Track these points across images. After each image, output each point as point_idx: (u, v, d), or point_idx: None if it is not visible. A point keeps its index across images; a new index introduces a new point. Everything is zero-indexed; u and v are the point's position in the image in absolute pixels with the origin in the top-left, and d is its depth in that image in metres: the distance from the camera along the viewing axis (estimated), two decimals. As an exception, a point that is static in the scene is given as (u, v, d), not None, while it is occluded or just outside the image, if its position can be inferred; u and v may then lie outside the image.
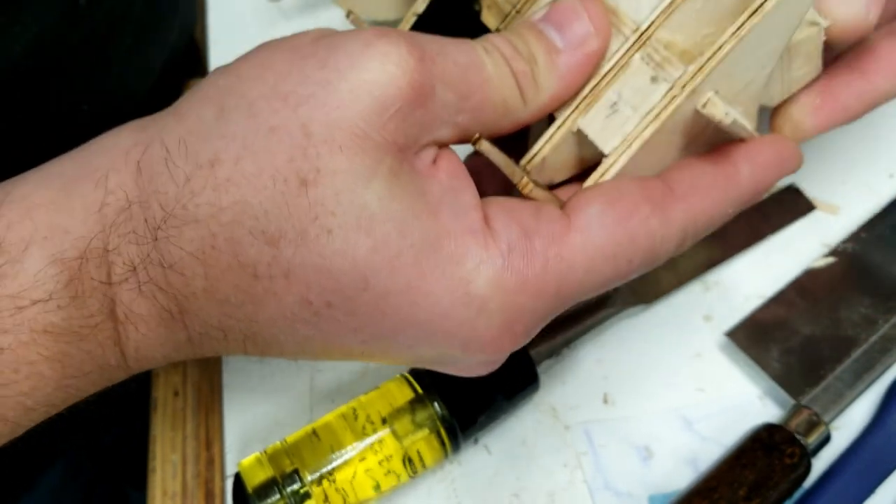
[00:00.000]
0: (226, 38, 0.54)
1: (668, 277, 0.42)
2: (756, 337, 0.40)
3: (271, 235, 0.25)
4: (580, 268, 0.27)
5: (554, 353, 0.39)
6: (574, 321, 0.40)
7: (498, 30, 0.32)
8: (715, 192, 0.29)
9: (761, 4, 0.27)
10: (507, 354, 0.28)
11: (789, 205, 0.44)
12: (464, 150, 0.29)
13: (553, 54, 0.28)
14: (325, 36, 0.27)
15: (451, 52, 0.27)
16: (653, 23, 0.29)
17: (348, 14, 0.33)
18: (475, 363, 0.28)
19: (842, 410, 0.38)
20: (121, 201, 0.26)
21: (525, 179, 0.28)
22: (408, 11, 0.34)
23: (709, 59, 0.27)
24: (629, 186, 0.28)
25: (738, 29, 0.27)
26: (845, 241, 0.43)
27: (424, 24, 0.34)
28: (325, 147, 0.25)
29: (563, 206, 0.28)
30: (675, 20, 0.29)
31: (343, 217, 0.25)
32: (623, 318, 0.41)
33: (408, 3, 0.44)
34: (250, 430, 0.40)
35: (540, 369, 0.38)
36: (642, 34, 0.29)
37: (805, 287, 0.41)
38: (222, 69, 0.27)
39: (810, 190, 0.44)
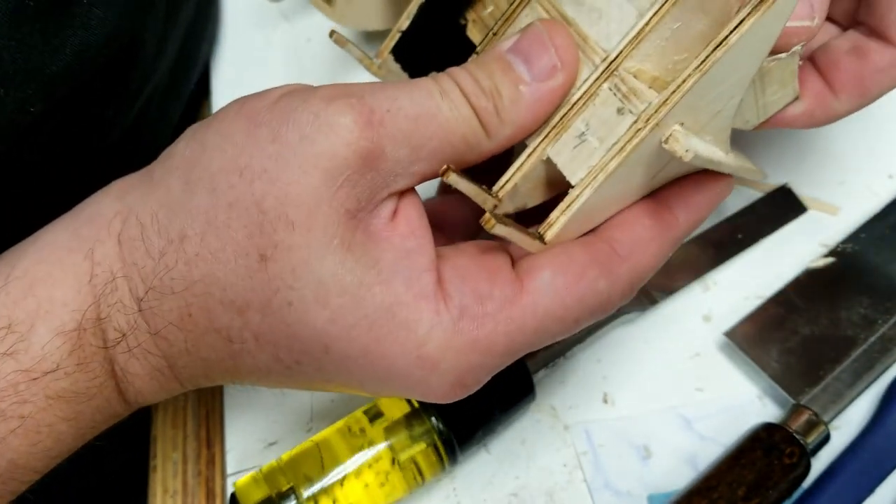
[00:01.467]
0: (226, 40, 0.54)
1: (662, 284, 0.42)
2: (755, 337, 0.40)
3: (239, 306, 0.27)
4: (530, 328, 0.28)
5: (550, 362, 0.39)
6: None
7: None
8: (657, 243, 0.30)
9: (724, 39, 0.26)
10: (461, 398, 0.29)
11: (782, 206, 0.44)
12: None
13: (519, 86, 0.29)
14: (286, 95, 0.28)
15: (404, 104, 0.27)
16: (620, 52, 0.28)
17: (331, 34, 0.32)
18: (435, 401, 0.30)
19: (841, 410, 0.38)
20: (106, 273, 0.28)
21: (488, 216, 0.27)
22: (393, 27, 0.33)
23: (672, 92, 0.27)
24: (577, 252, 0.29)
25: (702, 63, 0.26)
26: (844, 242, 0.43)
27: (410, 39, 0.33)
28: (280, 223, 0.26)
29: (514, 264, 0.29)
30: (643, 50, 0.28)
31: (301, 291, 0.27)
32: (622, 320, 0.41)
33: (397, 13, 0.44)
34: (251, 428, 0.40)
35: (537, 377, 0.38)
36: (610, 64, 0.28)
37: (804, 287, 0.41)
38: (193, 133, 0.29)
39: (809, 190, 0.44)
